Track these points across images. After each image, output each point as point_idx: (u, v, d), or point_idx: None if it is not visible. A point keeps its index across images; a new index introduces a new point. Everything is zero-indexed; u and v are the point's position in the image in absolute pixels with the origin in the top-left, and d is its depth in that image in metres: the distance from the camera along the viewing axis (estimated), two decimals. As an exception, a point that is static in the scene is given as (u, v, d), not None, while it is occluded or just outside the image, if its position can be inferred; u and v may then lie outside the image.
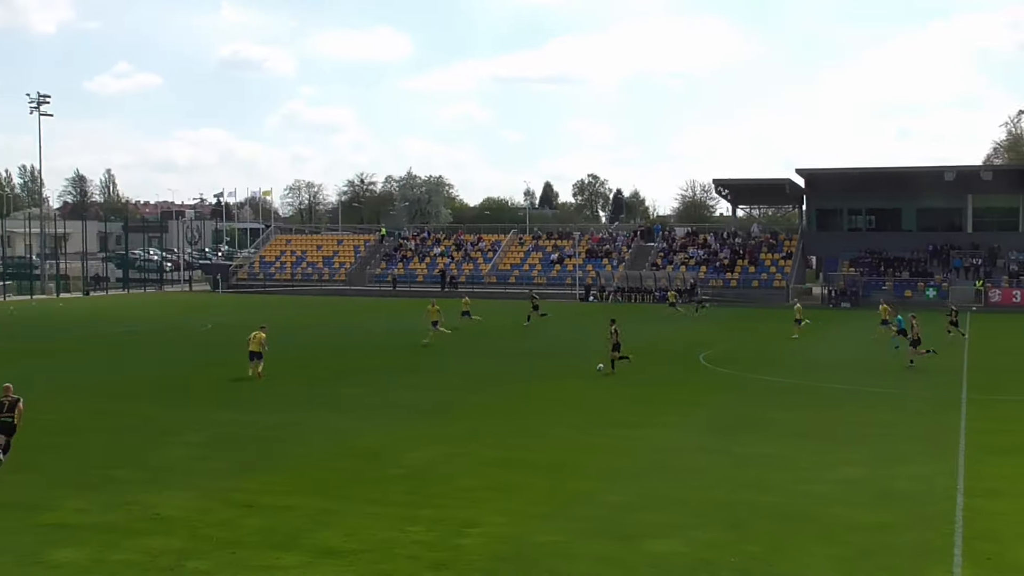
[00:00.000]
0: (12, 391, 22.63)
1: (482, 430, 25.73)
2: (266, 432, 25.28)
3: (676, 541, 16.35)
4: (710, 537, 16.55)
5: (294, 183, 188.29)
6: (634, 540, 16.39)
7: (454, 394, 31.67)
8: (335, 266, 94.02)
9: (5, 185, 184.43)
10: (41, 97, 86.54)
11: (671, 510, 18.21)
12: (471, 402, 30.21)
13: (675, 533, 16.77)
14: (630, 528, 17.02)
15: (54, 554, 15.65)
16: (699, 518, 17.67)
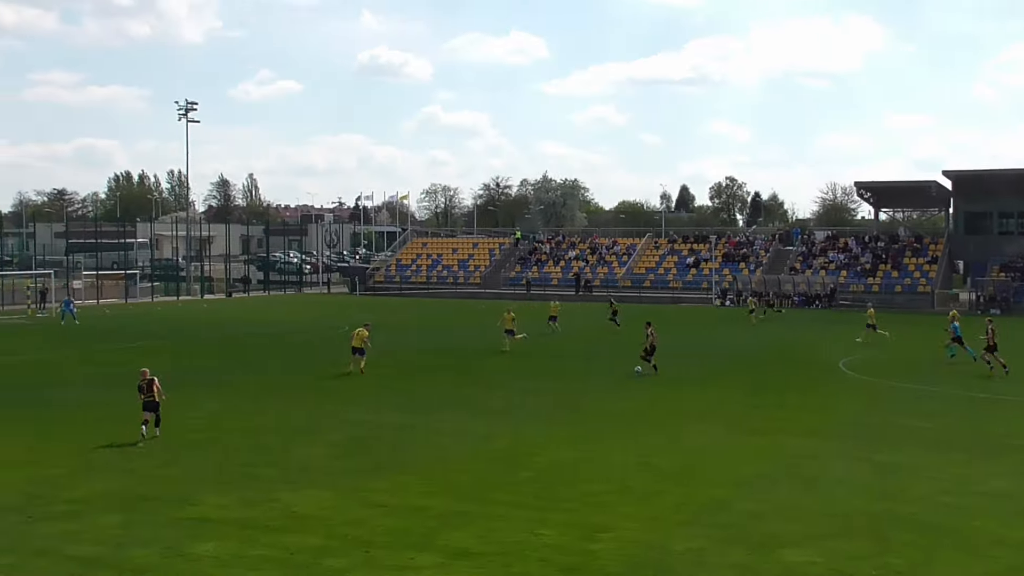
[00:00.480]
0: (148, 374, 24.91)
1: (613, 434, 25.53)
2: (400, 433, 25.54)
3: (814, 551, 15.93)
4: (849, 548, 16.08)
5: (430, 187, 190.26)
6: (770, 549, 16.03)
7: (584, 398, 31.52)
8: (470, 269, 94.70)
9: (154, 189, 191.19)
10: (189, 104, 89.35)
11: (808, 519, 17.77)
12: (601, 406, 30.02)
13: (812, 543, 16.35)
14: (766, 537, 16.66)
15: (196, 547, 16.05)
16: (837, 528, 17.19)
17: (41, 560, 15.48)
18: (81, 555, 15.73)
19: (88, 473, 21.01)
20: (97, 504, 18.56)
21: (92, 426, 26.44)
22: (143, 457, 22.50)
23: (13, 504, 18.61)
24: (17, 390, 32.49)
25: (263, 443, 24.26)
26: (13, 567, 14.96)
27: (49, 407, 29.34)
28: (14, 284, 73.28)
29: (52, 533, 16.83)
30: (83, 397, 31.06)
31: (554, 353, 42.84)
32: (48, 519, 17.63)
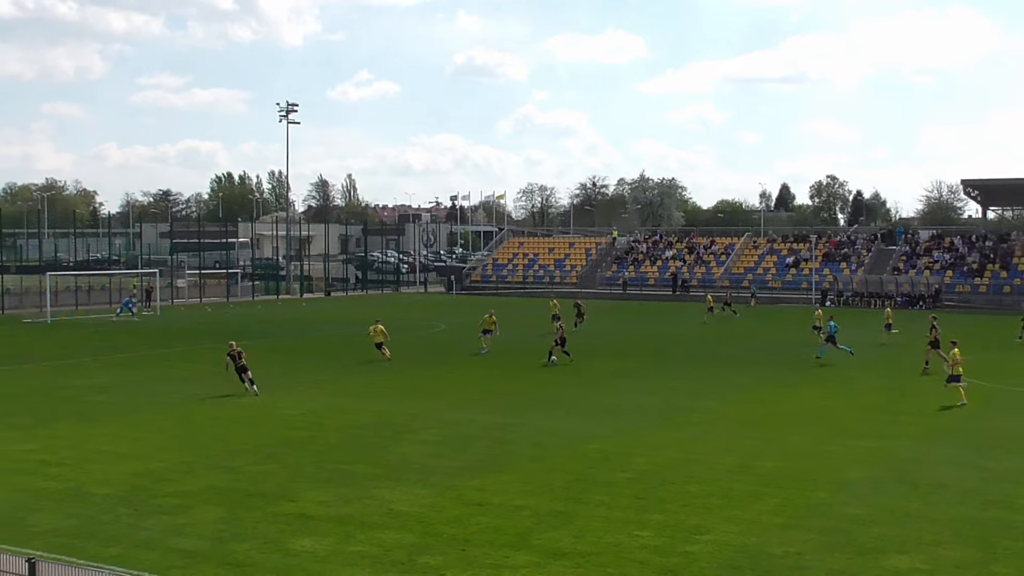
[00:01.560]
0: (236, 346, 31.76)
1: (712, 436, 25.23)
2: (497, 432, 25.56)
3: (918, 558, 15.54)
4: (955, 555, 15.66)
5: (527, 186, 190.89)
6: (874, 555, 15.67)
7: (683, 399, 31.22)
8: (566, 269, 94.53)
9: (255, 190, 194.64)
10: (289, 106, 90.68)
11: (913, 525, 17.33)
12: (701, 407, 29.70)
13: (917, 549, 15.94)
14: (869, 542, 16.29)
15: (294, 543, 16.24)
16: (943, 535, 16.75)
17: (146, 552, 15.79)
18: (184, 548, 16.01)
19: (191, 468, 21.39)
20: (200, 499, 18.90)
21: (196, 422, 26.95)
22: (244, 453, 22.86)
23: (120, 496, 19.04)
24: (124, 386, 33.26)
25: (361, 441, 24.47)
26: (119, 558, 15.27)
27: (154, 403, 29.97)
28: (121, 283, 75.12)
29: (156, 526, 17.17)
30: (188, 393, 31.66)
31: (654, 354, 42.53)
32: (153, 512, 17.99)
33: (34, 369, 37.30)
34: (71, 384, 33.52)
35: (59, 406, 29.31)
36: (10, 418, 27.24)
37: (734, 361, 40.62)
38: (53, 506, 18.41)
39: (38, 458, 22.35)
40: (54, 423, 26.59)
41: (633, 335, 49.02)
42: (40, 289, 64.68)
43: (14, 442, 24.05)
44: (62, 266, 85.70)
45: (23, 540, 16.02)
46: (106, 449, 23.29)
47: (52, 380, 34.47)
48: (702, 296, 78.75)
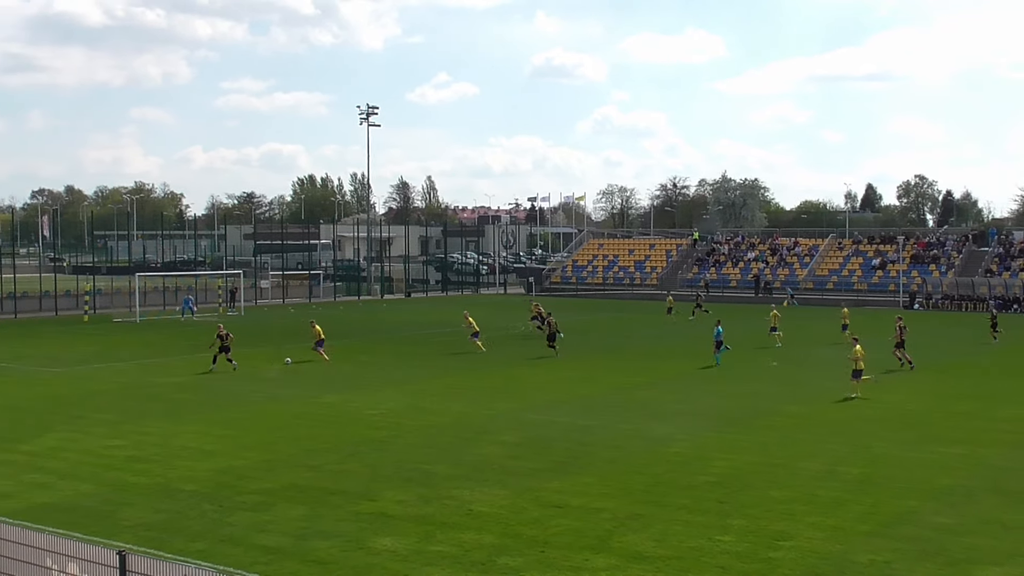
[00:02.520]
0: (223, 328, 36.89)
1: (795, 440, 24.88)
2: (577, 434, 25.47)
3: (1013, 570, 15.15)
4: (1050, 567, 15.23)
5: (606, 187, 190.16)
6: (964, 566, 15.30)
7: (765, 402, 30.84)
8: (647, 270, 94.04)
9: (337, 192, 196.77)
10: (370, 108, 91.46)
11: (1006, 536, 16.89)
12: (784, 411, 29.30)
13: (1011, 561, 15.54)
14: (960, 552, 15.92)
15: (375, 541, 16.34)
16: (1038, 545, 16.31)
17: (230, 547, 16.00)
18: (267, 544, 16.20)
19: (275, 466, 21.65)
20: (283, 496, 19.11)
21: (279, 421, 27.27)
22: (325, 452, 23.07)
23: (205, 492, 19.34)
24: (209, 385, 33.79)
25: (440, 441, 24.56)
26: (204, 552, 15.50)
27: (238, 402, 30.41)
28: (207, 283, 76.41)
29: (240, 522, 17.40)
30: (271, 392, 32.06)
31: (735, 356, 42.07)
32: (237, 508, 18.24)
33: (123, 367, 38.08)
34: (158, 382, 34.16)
35: (147, 404, 29.88)
36: (100, 414, 27.85)
37: (818, 365, 40.03)
38: (141, 501, 18.76)
39: (127, 454, 22.79)
40: (142, 420, 27.11)
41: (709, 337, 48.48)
42: (129, 289, 66.10)
43: (104, 438, 24.57)
44: (150, 267, 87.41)
45: (113, 533, 16.35)
46: (192, 446, 23.69)
47: (140, 378, 35.17)
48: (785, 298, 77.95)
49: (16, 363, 39.21)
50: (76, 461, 22.09)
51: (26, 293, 66.14)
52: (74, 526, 16.37)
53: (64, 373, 36.50)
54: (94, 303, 65.15)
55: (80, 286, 68.84)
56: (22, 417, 27.52)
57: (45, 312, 64.70)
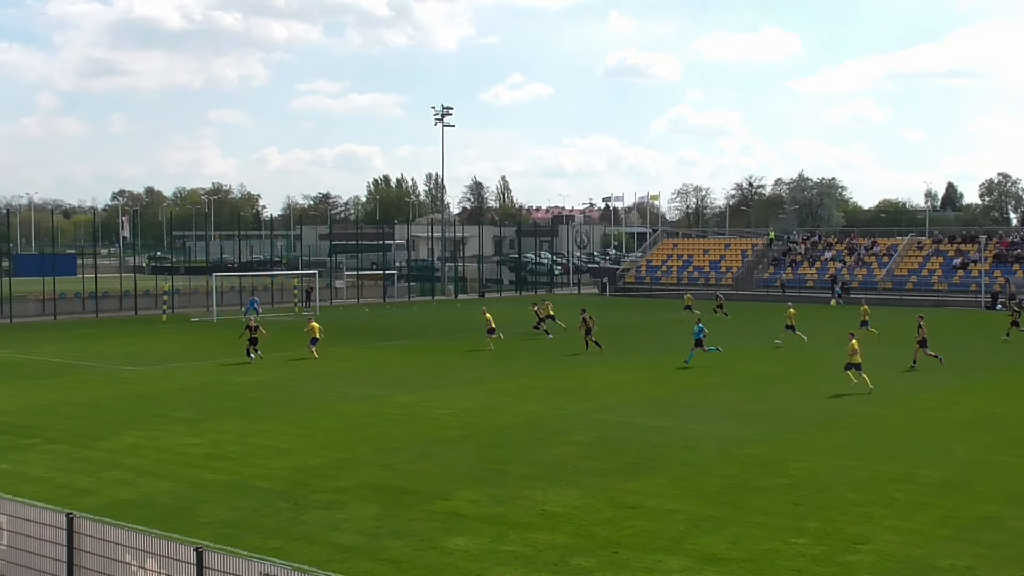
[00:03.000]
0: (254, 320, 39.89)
1: (873, 442, 24.49)
2: (650, 435, 25.34)
3: (1097, 575, 14.77)
4: None
5: (681, 187, 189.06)
6: (1047, 571, 14.96)
7: (843, 403, 30.38)
8: (722, 270, 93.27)
9: (411, 192, 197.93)
10: (444, 109, 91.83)
11: (1091, 541, 16.48)
12: (861, 412, 28.84)
13: (1096, 566, 15.15)
14: (1042, 557, 15.56)
15: (448, 541, 16.39)
16: (1125, 552, 15.87)
17: (305, 545, 16.15)
18: (341, 543, 16.33)
19: (348, 465, 21.82)
20: (356, 495, 19.25)
21: (352, 420, 27.49)
22: (399, 452, 23.20)
23: (280, 491, 19.55)
24: (284, 384, 34.16)
25: (513, 441, 24.56)
26: (279, 550, 15.66)
27: (313, 401, 30.70)
28: (283, 283, 77.29)
29: (315, 520, 17.56)
30: (345, 391, 32.33)
31: (811, 357, 41.58)
32: (311, 507, 18.40)
33: (201, 366, 38.66)
34: (234, 381, 34.61)
35: (223, 402, 30.31)
36: (178, 413, 28.30)
37: (896, 365, 39.37)
38: (218, 498, 19.02)
39: (204, 452, 23.13)
40: (219, 418, 27.50)
41: (789, 337, 47.99)
42: (207, 289, 67.12)
43: (181, 436, 24.96)
44: (227, 267, 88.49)
45: (191, 530, 16.59)
46: (267, 445, 23.96)
47: (217, 377, 35.68)
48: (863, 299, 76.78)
49: (97, 361, 40.02)
50: (155, 458, 22.47)
51: (107, 293, 67.49)
52: (152, 522, 16.65)
53: (143, 372, 37.16)
54: (172, 303, 66.23)
55: (159, 286, 70.06)
56: (103, 415, 28.07)
57: (125, 311, 65.93)
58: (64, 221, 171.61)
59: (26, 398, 30.88)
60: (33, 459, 22.39)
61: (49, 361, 40.32)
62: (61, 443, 24.09)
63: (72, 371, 37.21)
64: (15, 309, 61.65)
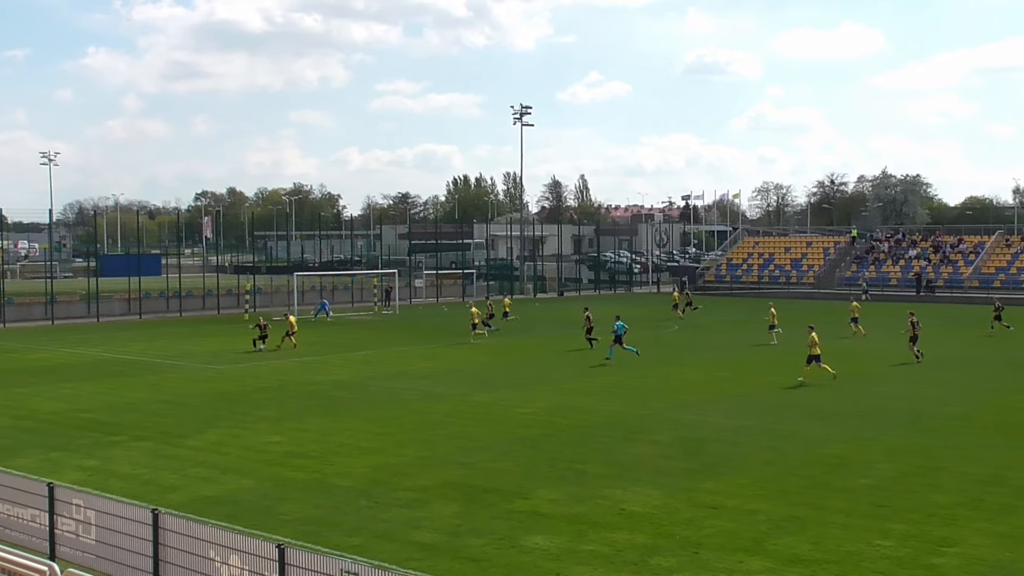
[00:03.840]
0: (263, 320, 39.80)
1: (960, 444, 23.99)
2: (730, 434, 25.10)
3: None
4: None
5: (761, 185, 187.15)
6: None
7: (927, 404, 29.82)
8: (803, 268, 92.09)
9: (490, 192, 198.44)
10: (523, 108, 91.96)
11: None
12: (948, 412, 28.29)
13: None
14: None
15: (527, 539, 16.37)
16: None
17: (386, 543, 16.24)
18: (421, 541, 16.40)
19: (429, 463, 21.91)
20: (436, 493, 19.32)
21: (432, 419, 27.60)
22: (479, 450, 23.25)
23: (361, 488, 19.69)
24: (365, 382, 34.43)
25: (593, 441, 24.48)
26: (360, 547, 15.76)
27: (393, 399, 30.91)
28: (363, 282, 77.94)
29: (395, 518, 17.66)
30: (425, 390, 32.50)
31: (898, 360, 40.86)
32: (391, 505, 18.51)
33: (282, 365, 39.09)
34: (315, 380, 34.96)
35: (305, 401, 30.63)
36: (260, 411, 28.67)
37: (983, 366, 38.58)
38: (299, 496, 19.21)
39: (285, 450, 23.39)
40: (300, 417, 27.79)
41: (871, 336, 47.25)
42: (288, 288, 67.91)
43: (264, 434, 25.28)
44: (308, 266, 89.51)
45: (273, 527, 16.78)
46: (348, 443, 24.16)
47: (299, 376, 36.06)
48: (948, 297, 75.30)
49: (182, 360, 40.71)
50: (238, 456, 22.78)
51: (190, 292, 68.65)
52: (235, 519, 16.86)
53: (226, 370, 37.71)
54: (254, 302, 67.15)
55: (241, 285, 71.06)
56: (187, 413, 28.53)
57: (208, 311, 67.04)
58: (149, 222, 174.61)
59: (113, 396, 31.53)
60: (120, 456, 22.86)
61: (134, 360, 41.12)
62: (147, 440, 24.55)
63: (157, 369, 37.92)
64: (102, 308, 63.10)
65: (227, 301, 68.70)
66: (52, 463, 21.93)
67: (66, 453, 23.09)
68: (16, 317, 59.70)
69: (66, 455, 22.88)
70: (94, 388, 33.16)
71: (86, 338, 50.23)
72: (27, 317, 60.53)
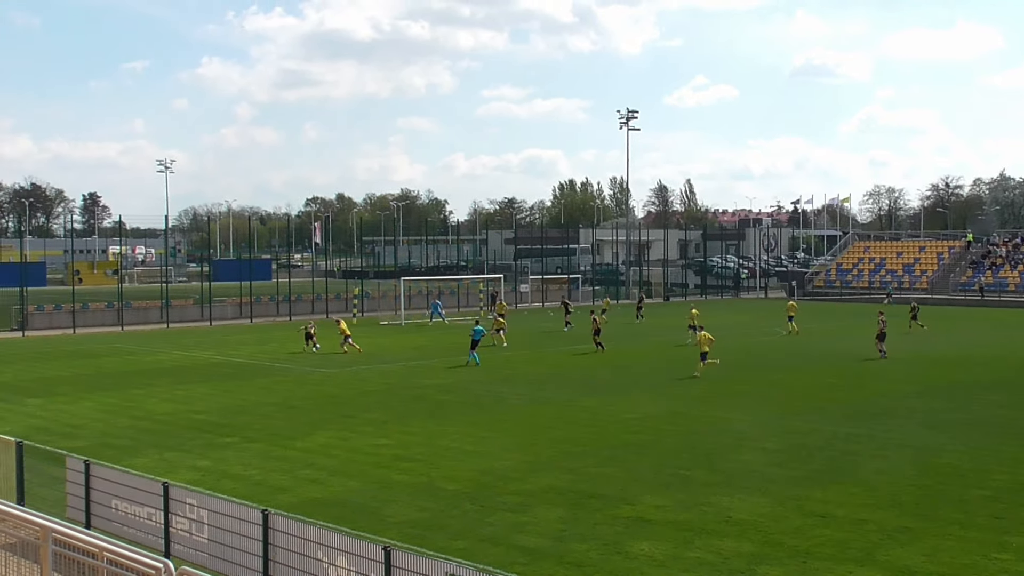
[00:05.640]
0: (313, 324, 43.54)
1: (1084, 454, 23.17)
2: (840, 442, 24.60)
3: None
4: None
5: (873, 188, 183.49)
6: None
7: (1050, 413, 28.90)
8: (916, 273, 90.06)
9: (596, 196, 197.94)
10: (630, 113, 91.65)
11: None
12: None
13: None
14: None
15: (633, 546, 16.27)
16: None
17: (491, 547, 16.29)
18: (526, 545, 16.40)
19: (534, 468, 21.91)
20: (541, 498, 19.30)
21: (537, 423, 27.60)
22: (584, 455, 23.17)
23: (466, 492, 19.77)
24: (470, 386, 34.58)
25: (699, 447, 24.23)
26: (465, 551, 15.81)
27: (498, 404, 31.01)
28: (468, 287, 78.41)
29: (500, 522, 17.69)
30: (530, 395, 32.53)
31: (1017, 365, 39.68)
32: (496, 509, 18.55)
33: (389, 369, 39.50)
34: (422, 383, 35.23)
35: (412, 404, 30.88)
36: (368, 414, 28.99)
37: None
38: (406, 498, 19.37)
39: (392, 453, 23.61)
40: (406, 420, 28.03)
41: (988, 344, 45.96)
42: (395, 293, 68.66)
43: (371, 437, 25.55)
44: (415, 271, 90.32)
45: (379, 529, 16.93)
46: (454, 446, 24.29)
47: (405, 379, 36.38)
48: None
49: (291, 363, 41.41)
50: (345, 458, 23.06)
51: (299, 296, 69.71)
52: (343, 521, 17.04)
53: (334, 374, 38.21)
54: (362, 306, 67.95)
55: (349, 289, 72.01)
56: (296, 415, 28.99)
57: (317, 315, 67.91)
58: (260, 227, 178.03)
59: (225, 398, 32.21)
60: (231, 457, 23.32)
61: (245, 362, 41.94)
62: (257, 442, 25.00)
63: (267, 372, 38.61)
64: (214, 312, 64.65)
65: (336, 306, 69.65)
66: (167, 463, 22.49)
67: (180, 453, 23.67)
68: (133, 320, 61.49)
69: (180, 455, 23.44)
70: (207, 390, 33.93)
71: (199, 341, 51.45)
72: (144, 320, 62.35)
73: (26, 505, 16.56)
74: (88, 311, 61.59)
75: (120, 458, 21.71)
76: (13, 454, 18.22)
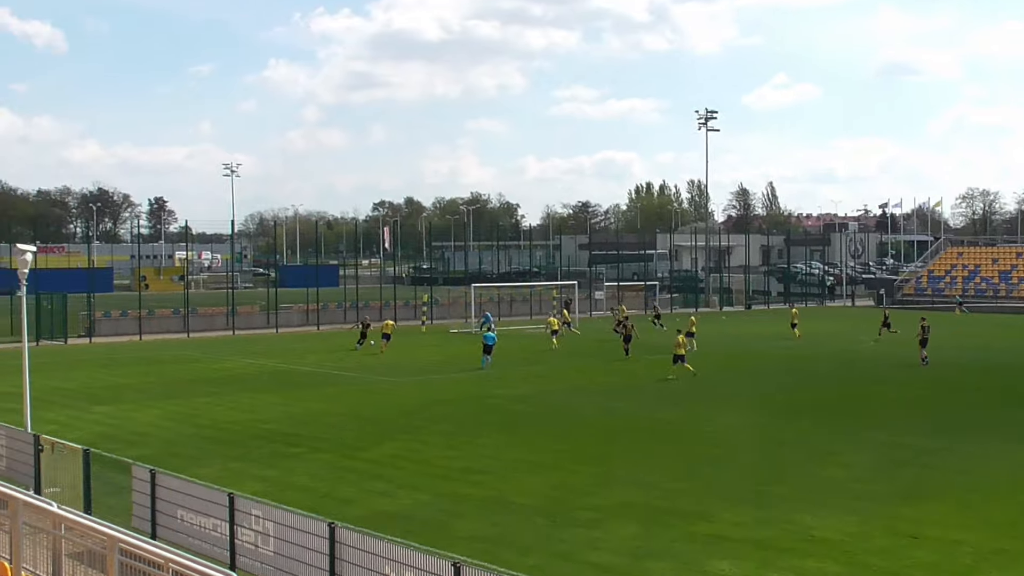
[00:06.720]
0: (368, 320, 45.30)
1: None
2: (929, 457, 23.64)
3: None
4: None
5: (966, 191, 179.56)
6: None
7: None
8: (1013, 281, 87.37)
9: (674, 200, 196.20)
10: (709, 113, 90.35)
11: None
12: None
13: None
14: None
15: (712, 564, 15.65)
16: None
17: (563, 563, 15.79)
18: (600, 562, 15.87)
19: (608, 482, 21.29)
20: (616, 513, 18.70)
21: (612, 436, 27.01)
22: (659, 469, 22.50)
23: (539, 507, 19.22)
24: (543, 397, 34.06)
25: (779, 461, 23.46)
26: (538, 567, 15.32)
27: (571, 415, 30.42)
28: (541, 294, 77.75)
29: (573, 538, 17.14)
30: (604, 406, 31.92)
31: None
32: (570, 524, 17.99)
33: (460, 378, 39.03)
34: (494, 393, 34.70)
35: (482, 415, 30.37)
36: (437, 425, 28.52)
37: None
38: (475, 512, 18.88)
39: (462, 465, 23.12)
40: (477, 431, 27.52)
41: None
42: (466, 300, 67.95)
43: (441, 448, 25.09)
44: (485, 277, 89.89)
45: (447, 544, 16.41)
46: (525, 459, 23.72)
47: (477, 389, 35.85)
48: None
49: (358, 372, 41.12)
50: (414, 471, 22.60)
51: (367, 303, 69.00)
52: (411, 535, 16.55)
53: (403, 383, 37.76)
54: (432, 313, 67.61)
55: (418, 296, 71.65)
56: (364, 425, 28.62)
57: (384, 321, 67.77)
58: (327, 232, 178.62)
59: (292, 407, 31.93)
60: (298, 467, 22.97)
61: (312, 371, 41.76)
62: (324, 452, 24.64)
63: (334, 381, 38.34)
64: (280, 319, 64.37)
65: (404, 312, 68.86)
66: (233, 473, 22.19)
67: (246, 463, 23.38)
68: (199, 327, 61.59)
69: (246, 465, 23.16)
70: (274, 399, 33.68)
71: (265, 348, 51.45)
72: (210, 327, 62.42)
73: (92, 513, 16.37)
74: (154, 317, 61.79)
75: (186, 467, 21.47)
76: (80, 462, 18.12)
